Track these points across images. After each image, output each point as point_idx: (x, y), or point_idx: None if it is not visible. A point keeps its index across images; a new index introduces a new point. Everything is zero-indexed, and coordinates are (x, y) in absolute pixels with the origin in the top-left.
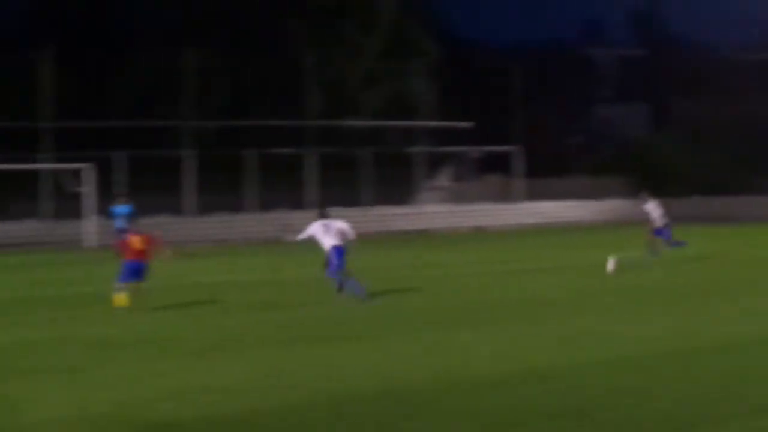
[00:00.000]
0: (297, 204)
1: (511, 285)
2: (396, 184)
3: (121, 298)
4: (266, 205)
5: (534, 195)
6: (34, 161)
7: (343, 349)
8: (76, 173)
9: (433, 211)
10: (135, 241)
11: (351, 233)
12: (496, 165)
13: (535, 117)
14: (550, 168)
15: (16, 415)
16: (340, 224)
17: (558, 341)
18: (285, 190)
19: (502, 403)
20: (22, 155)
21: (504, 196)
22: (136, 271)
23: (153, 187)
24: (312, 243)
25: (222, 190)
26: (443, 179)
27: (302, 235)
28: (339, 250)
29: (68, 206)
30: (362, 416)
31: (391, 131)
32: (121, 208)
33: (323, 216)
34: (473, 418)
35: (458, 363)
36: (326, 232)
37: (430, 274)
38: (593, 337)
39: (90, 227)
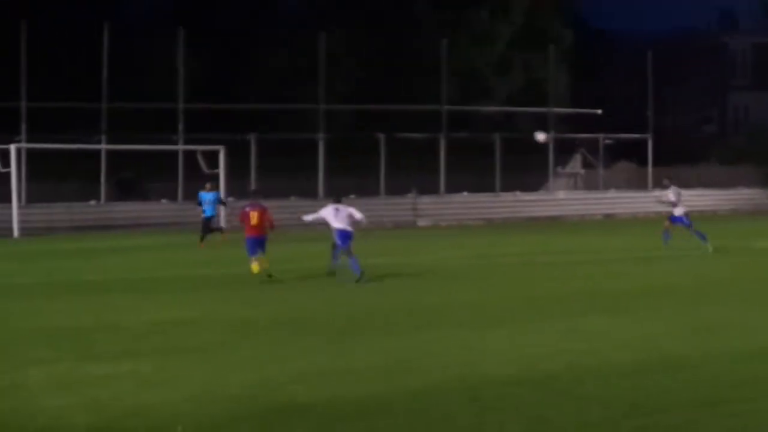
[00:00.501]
0: (428, 188)
1: (642, 272)
2: (527, 171)
3: (254, 266)
4: (397, 190)
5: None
6: (171, 143)
7: (477, 334)
8: (211, 155)
9: (563, 198)
10: (253, 216)
11: (360, 217)
12: (627, 152)
13: (668, 105)
14: (682, 156)
15: (149, 393)
16: (351, 210)
17: (691, 330)
18: (416, 174)
19: (634, 391)
20: (160, 136)
21: (634, 183)
22: (258, 244)
23: (285, 170)
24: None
25: (354, 174)
26: (574, 166)
27: (312, 216)
28: (345, 234)
29: (201, 187)
30: (497, 401)
31: (523, 117)
32: (208, 194)
33: (337, 201)
34: (606, 405)
35: (591, 350)
36: (336, 215)
37: (561, 261)
38: (727, 327)
39: (223, 209)
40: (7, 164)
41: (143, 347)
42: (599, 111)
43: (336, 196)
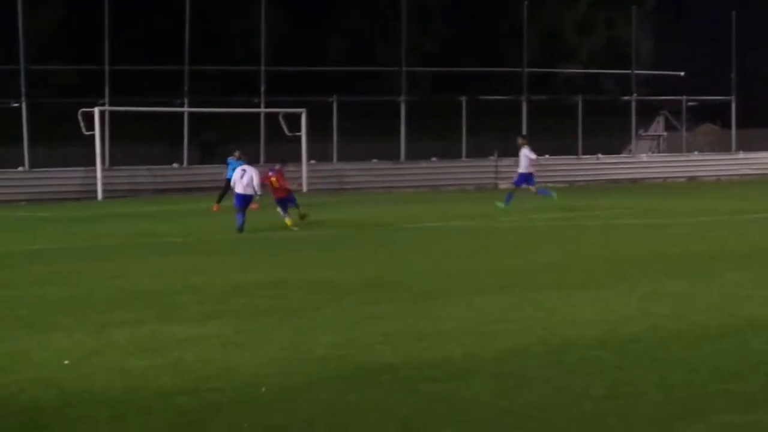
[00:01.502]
0: (509, 151)
1: (724, 235)
2: (609, 133)
3: (288, 222)
4: (479, 152)
5: (749, 146)
6: (253, 105)
7: (560, 296)
8: (293, 117)
9: (646, 161)
10: (273, 180)
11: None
12: (711, 115)
13: (753, 66)
14: (767, 118)
15: (233, 354)
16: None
17: None
18: (497, 137)
19: (718, 355)
20: (242, 99)
21: (718, 146)
22: (288, 201)
23: (367, 133)
24: None
25: (435, 137)
26: (657, 129)
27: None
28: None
29: (285, 150)
30: (580, 363)
31: (605, 79)
32: (235, 162)
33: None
34: (690, 368)
35: (674, 313)
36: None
37: (644, 223)
38: None
39: (305, 172)
40: (91, 127)
41: (226, 309)
42: (682, 73)
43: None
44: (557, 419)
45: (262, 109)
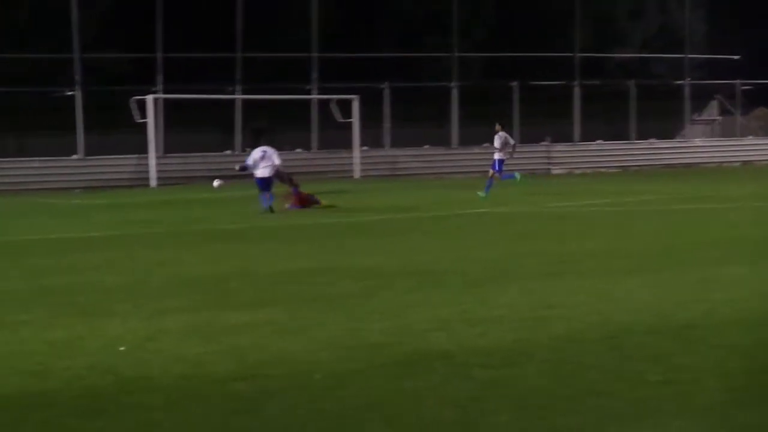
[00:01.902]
0: (562, 136)
1: None
2: (662, 118)
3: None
4: (531, 138)
5: None
6: (305, 92)
7: (614, 282)
8: (344, 104)
9: (700, 145)
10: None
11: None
12: (766, 98)
13: None
14: None
15: (286, 341)
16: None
17: None
18: (550, 122)
19: None
20: (294, 86)
21: None
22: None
23: (418, 119)
24: None
25: (487, 122)
26: (711, 113)
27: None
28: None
29: (336, 137)
30: (636, 349)
31: (658, 64)
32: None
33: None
34: (746, 354)
35: (730, 299)
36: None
37: (698, 208)
38: None
39: (357, 158)
40: (144, 115)
41: (280, 295)
42: (736, 57)
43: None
44: (613, 405)
45: (314, 96)
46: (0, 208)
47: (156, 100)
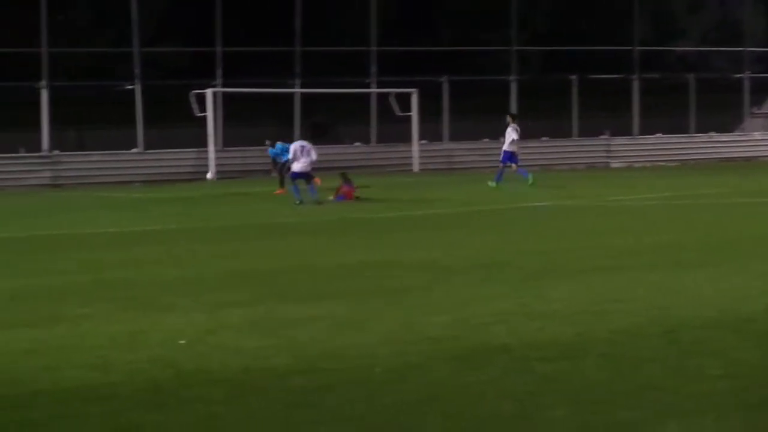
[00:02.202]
0: (621, 130)
1: None
2: (721, 111)
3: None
4: (590, 131)
5: None
6: (364, 85)
7: (674, 276)
8: (403, 97)
9: (759, 139)
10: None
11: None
12: None
13: None
14: None
15: (345, 335)
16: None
17: None
18: (609, 116)
19: None
20: (353, 79)
21: None
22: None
23: (477, 112)
24: None
25: (545, 116)
26: None
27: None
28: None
29: (395, 130)
30: (695, 344)
31: (717, 57)
32: (274, 149)
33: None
34: None
35: None
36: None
37: (758, 201)
38: None
39: (416, 152)
40: (203, 108)
41: (337, 289)
42: None
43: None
44: (672, 400)
45: (373, 90)
46: (60, 201)
47: (215, 94)
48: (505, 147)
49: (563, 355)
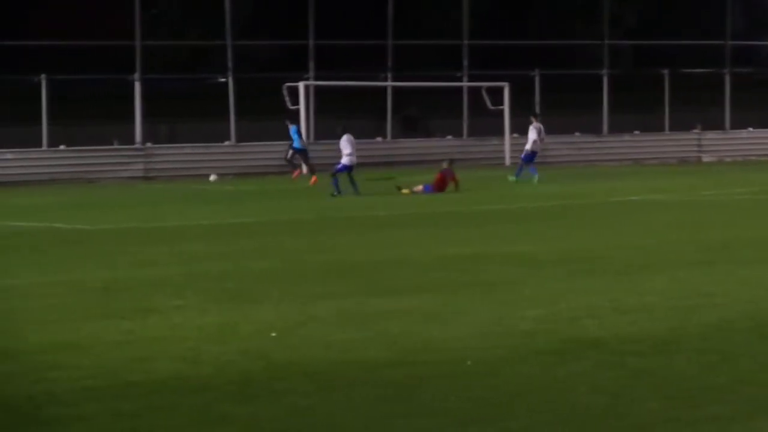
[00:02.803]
0: (712, 124)
1: None
2: None
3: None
4: (681, 126)
5: None
6: (456, 79)
7: (766, 271)
8: (495, 91)
9: None
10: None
11: None
12: None
13: None
14: None
15: (437, 327)
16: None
17: None
18: (700, 110)
19: None
20: (445, 73)
21: None
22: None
23: (569, 106)
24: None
25: (637, 110)
26: None
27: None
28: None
29: (487, 124)
30: None
31: None
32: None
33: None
34: None
35: None
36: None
37: None
38: None
39: (508, 145)
40: (296, 101)
41: (429, 282)
42: None
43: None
44: (763, 394)
45: (465, 83)
46: (152, 194)
47: (307, 87)
48: (528, 147)
49: (655, 350)
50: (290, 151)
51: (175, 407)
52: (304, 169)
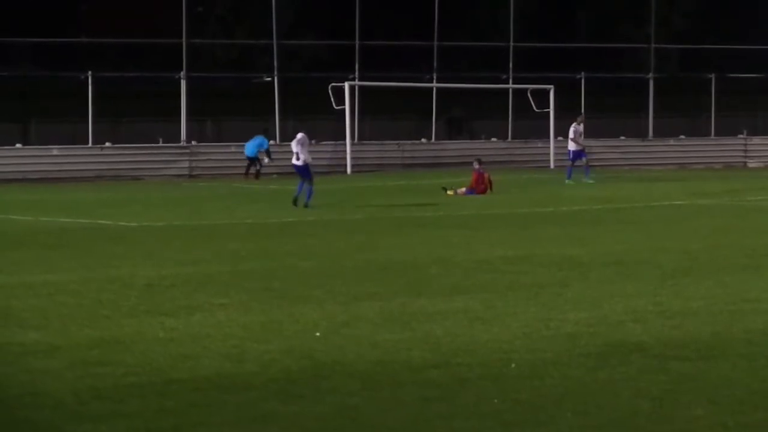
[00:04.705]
0: (759, 129)
1: None
2: None
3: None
4: (727, 131)
5: None
6: (501, 81)
7: None
8: (541, 94)
9: None
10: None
11: None
12: None
13: None
14: None
15: (481, 329)
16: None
17: None
18: (747, 115)
19: None
20: (490, 75)
21: None
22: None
23: (614, 109)
24: None
25: (683, 114)
26: None
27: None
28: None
29: (532, 127)
30: None
31: None
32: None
33: None
34: None
35: None
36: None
37: None
38: None
39: (553, 148)
40: (341, 102)
41: (474, 284)
42: None
43: None
44: None
45: (510, 86)
46: (197, 192)
47: (353, 87)
48: (571, 147)
49: (700, 354)
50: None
51: (219, 404)
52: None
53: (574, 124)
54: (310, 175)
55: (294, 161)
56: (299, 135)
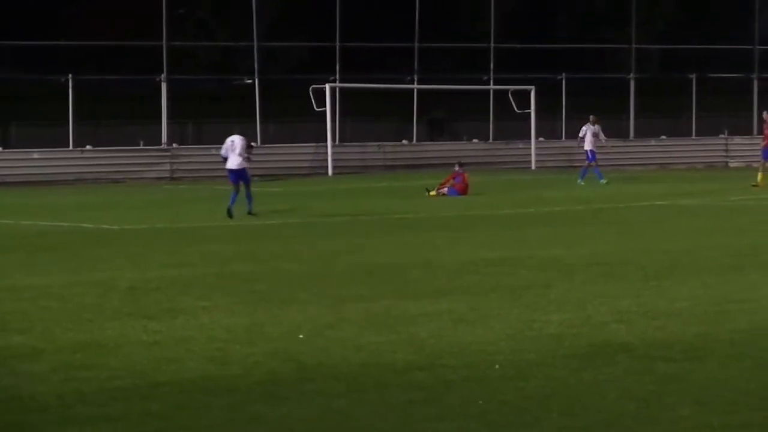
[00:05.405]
0: (740, 129)
1: None
2: None
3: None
4: (708, 131)
5: None
6: (482, 82)
7: None
8: (521, 95)
9: None
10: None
11: None
12: None
13: None
14: None
15: (465, 331)
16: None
17: None
18: (728, 115)
19: None
20: (471, 76)
21: None
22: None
23: (595, 110)
24: None
25: (664, 115)
26: None
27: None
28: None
29: (514, 128)
30: None
31: None
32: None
33: None
34: None
35: None
36: None
37: None
38: None
39: (534, 149)
40: (322, 104)
41: (458, 285)
42: None
43: None
44: None
45: (491, 86)
46: (179, 195)
47: (334, 89)
48: (587, 147)
49: (685, 355)
50: None
51: (204, 408)
52: None
53: (588, 125)
54: (248, 180)
55: (228, 165)
56: (230, 138)
